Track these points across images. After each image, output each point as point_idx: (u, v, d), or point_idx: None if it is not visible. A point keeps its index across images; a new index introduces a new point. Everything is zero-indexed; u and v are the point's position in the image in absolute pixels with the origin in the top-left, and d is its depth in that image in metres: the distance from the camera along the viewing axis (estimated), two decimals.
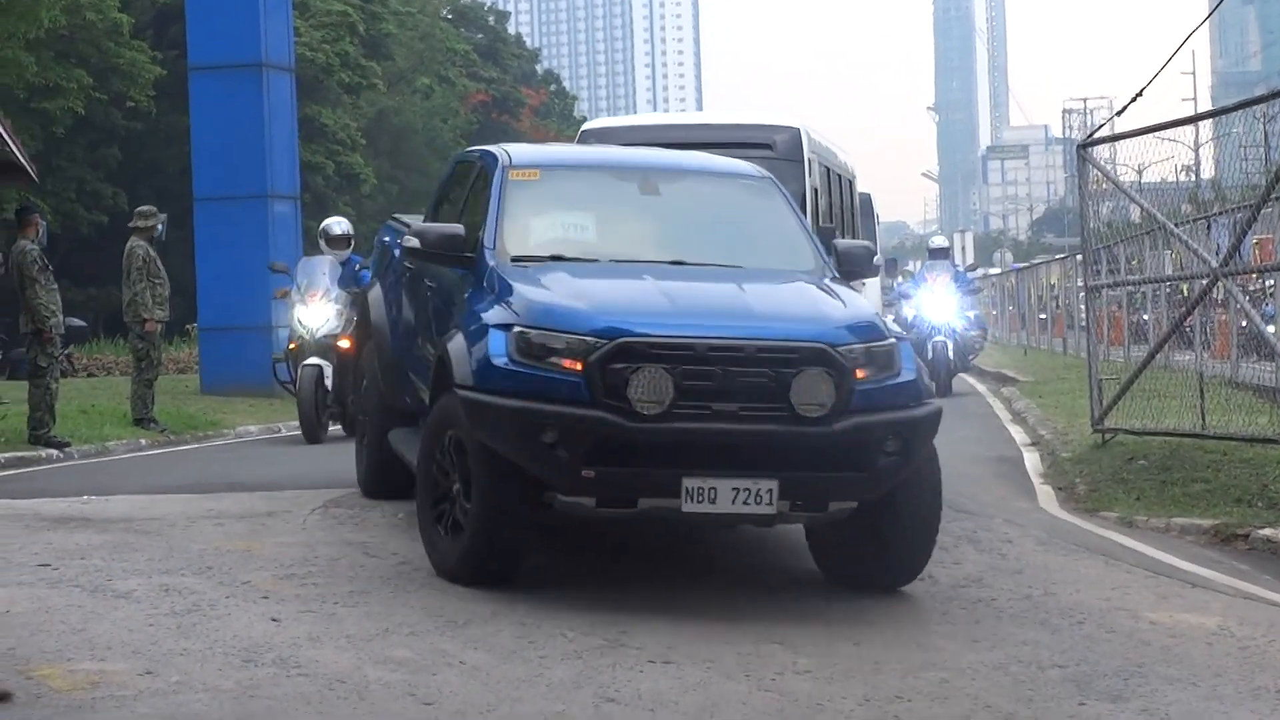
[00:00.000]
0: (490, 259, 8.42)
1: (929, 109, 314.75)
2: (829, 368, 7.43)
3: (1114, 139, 15.06)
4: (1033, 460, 15.16)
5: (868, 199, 18.66)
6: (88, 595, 7.54)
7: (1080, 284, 22.18)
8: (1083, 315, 21.88)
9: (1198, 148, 21.81)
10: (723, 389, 7.33)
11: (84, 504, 10.75)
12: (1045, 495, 12.87)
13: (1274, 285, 17.00)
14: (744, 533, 9.30)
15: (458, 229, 8.76)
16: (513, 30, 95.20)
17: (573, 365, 7.36)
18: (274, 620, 7.11)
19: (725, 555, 9.26)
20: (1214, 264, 13.08)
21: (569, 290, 7.84)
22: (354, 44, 51.25)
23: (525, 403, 7.34)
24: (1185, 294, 16.17)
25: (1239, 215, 13.31)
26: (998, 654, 7.13)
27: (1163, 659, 7.13)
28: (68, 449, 15.62)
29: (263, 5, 24.63)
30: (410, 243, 8.87)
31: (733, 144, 12.11)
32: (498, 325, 7.66)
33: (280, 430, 19.50)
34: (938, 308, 24.28)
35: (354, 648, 6.70)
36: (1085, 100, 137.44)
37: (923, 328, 23.71)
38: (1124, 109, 15.05)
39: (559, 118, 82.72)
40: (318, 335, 16.68)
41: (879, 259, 11.69)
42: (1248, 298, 15.06)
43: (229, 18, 24.47)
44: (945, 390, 22.57)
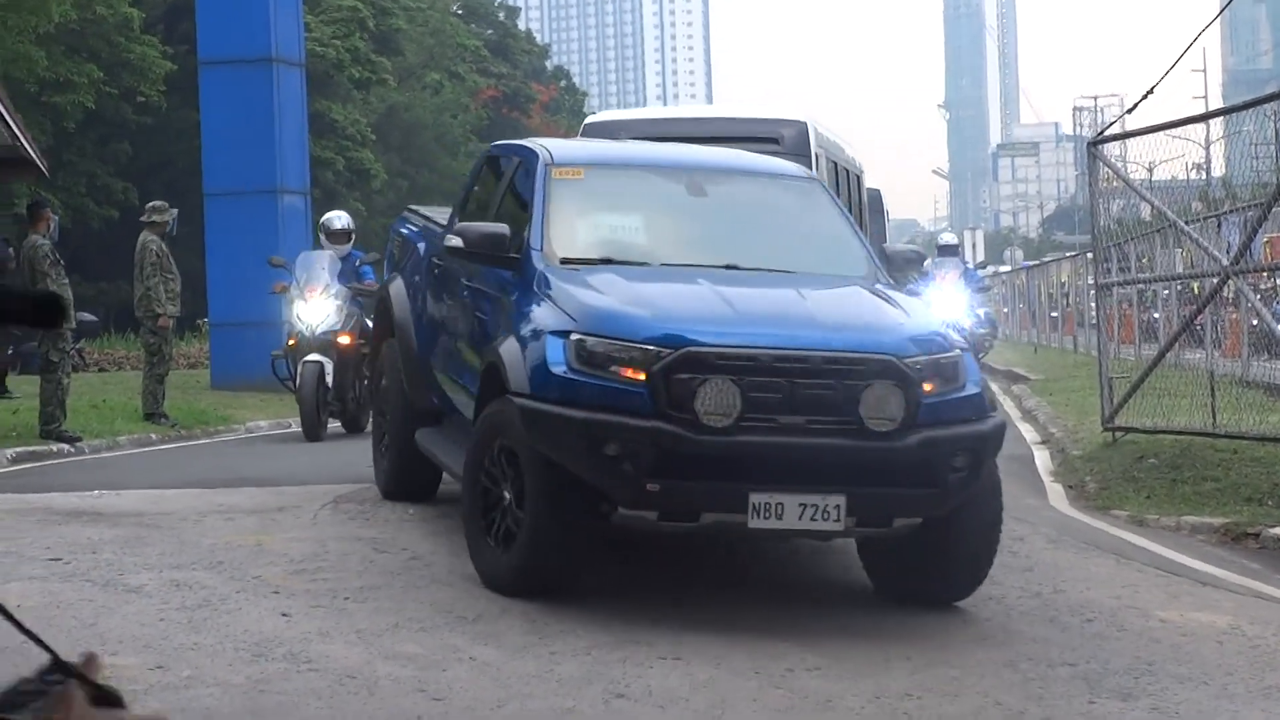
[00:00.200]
0: (538, 261, 8.17)
1: (939, 106, 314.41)
2: (898, 380, 7.19)
3: (1124, 136, 15.05)
4: (1043, 458, 15.15)
5: (878, 195, 18.57)
6: (99, 590, 7.55)
7: (1091, 282, 22.17)
8: (1093, 313, 21.86)
9: (1208, 145, 21.76)
10: (789, 401, 7.10)
11: (95, 499, 10.77)
12: (1055, 493, 12.86)
13: None
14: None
15: (502, 229, 8.48)
16: (523, 26, 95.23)
17: (635, 375, 7.12)
18: (284, 615, 7.12)
19: (734, 554, 9.25)
20: (1225, 262, 13.07)
21: (626, 295, 7.61)
22: (364, 39, 51.26)
23: (587, 413, 7.08)
24: (1196, 292, 16.16)
25: (1250, 213, 13.29)
26: (1008, 651, 7.13)
27: (1173, 657, 7.12)
28: (79, 444, 15.64)
29: (273, 0, 24.66)
30: (452, 242, 8.56)
31: (739, 138, 11.95)
32: (555, 332, 7.40)
33: (290, 425, 19.49)
34: (946, 305, 24.26)
35: (364, 643, 6.71)
36: (1096, 98, 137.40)
37: None
38: (1135, 107, 15.03)
39: (569, 113, 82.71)
40: (318, 331, 16.39)
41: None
42: (1259, 296, 15.04)
43: (239, 12, 24.50)
44: None
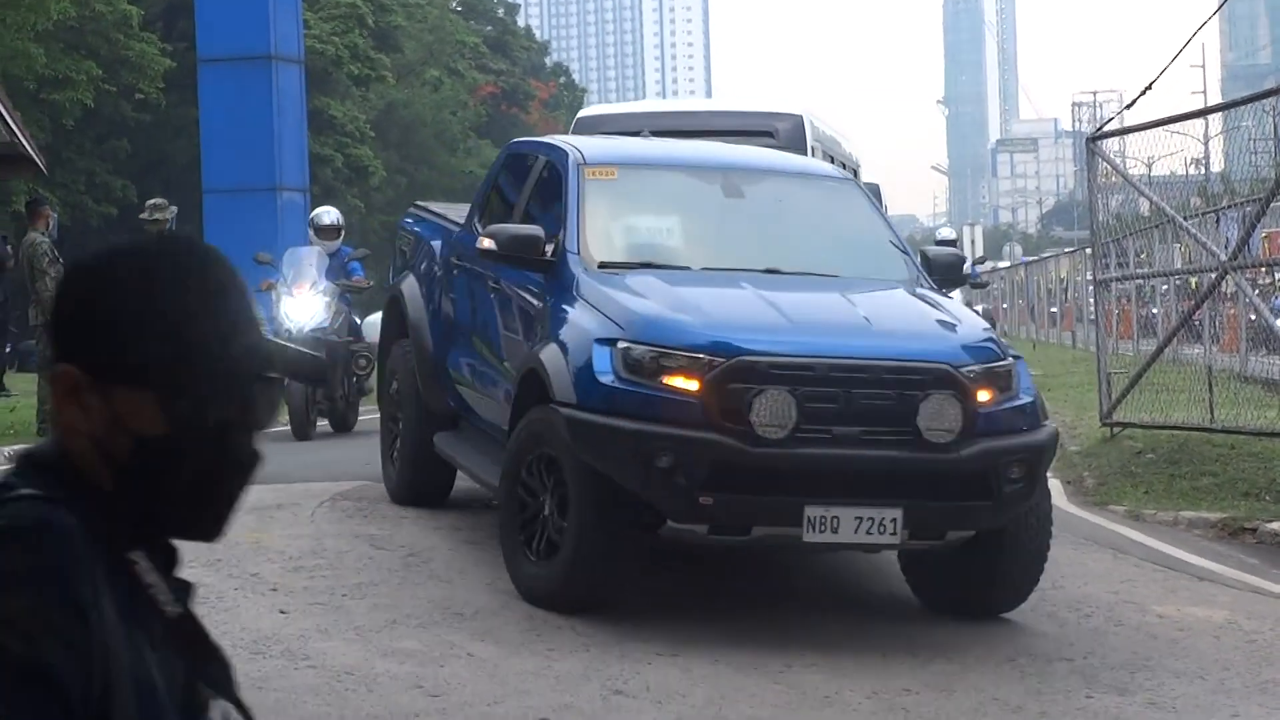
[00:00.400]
0: (575, 265, 7.94)
1: (938, 102, 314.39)
2: (956, 390, 7.02)
3: (1123, 132, 15.05)
4: None
5: (876, 190, 18.56)
6: None
7: (1089, 277, 22.17)
8: (1092, 308, 21.87)
9: (1207, 141, 21.78)
10: (843, 412, 6.92)
11: None
12: (1053, 488, 12.78)
13: None
14: None
15: (537, 231, 8.20)
16: (522, 22, 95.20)
17: (686, 384, 6.92)
18: (282, 612, 7.12)
19: (731, 553, 9.25)
20: (1223, 257, 13.07)
21: (671, 301, 7.40)
22: (363, 36, 51.22)
23: (637, 424, 6.89)
24: (1194, 287, 16.16)
25: (1248, 209, 13.29)
26: (1005, 647, 7.14)
27: (1170, 652, 7.13)
28: None
29: None
30: (485, 244, 8.25)
31: (734, 132, 11.81)
32: (601, 339, 7.19)
33: (285, 423, 19.49)
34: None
35: (362, 640, 6.71)
36: (1095, 93, 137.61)
37: None
38: (1133, 102, 15.03)
39: (568, 110, 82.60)
40: (306, 329, 15.74)
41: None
42: (1257, 291, 15.04)
43: (238, 10, 24.50)
44: None
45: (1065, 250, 48.82)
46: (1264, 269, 15.14)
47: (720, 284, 7.84)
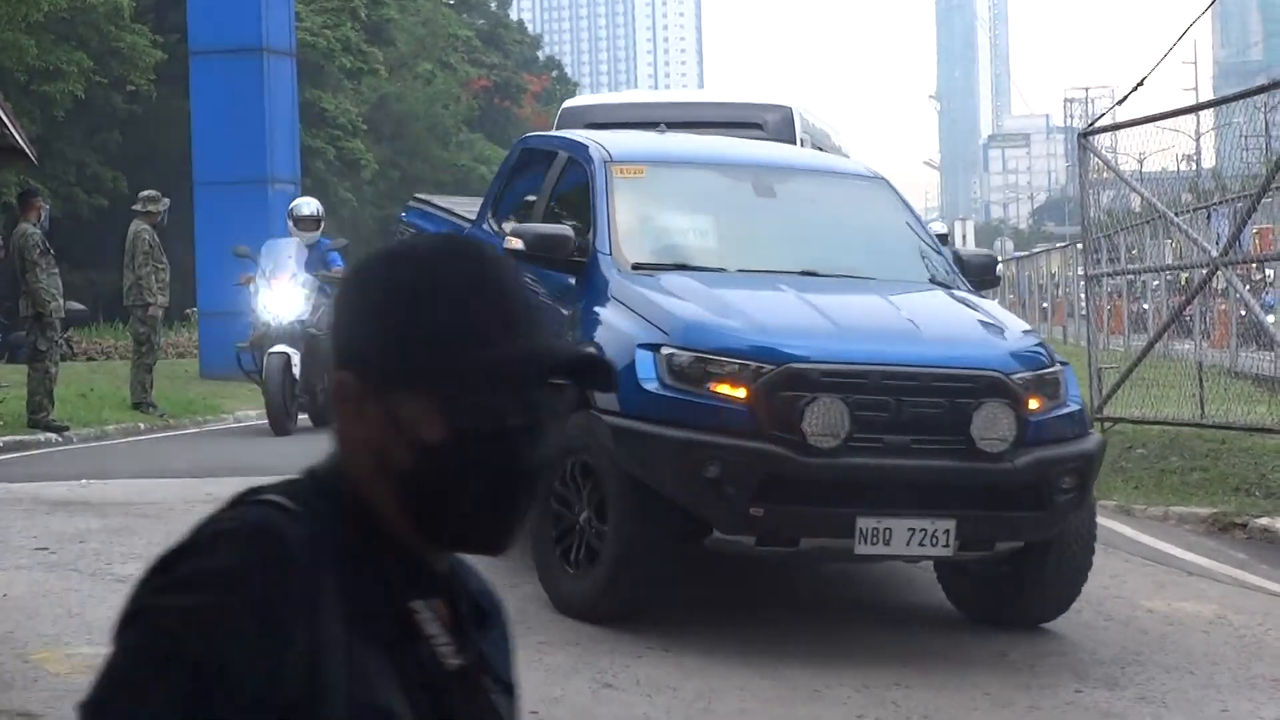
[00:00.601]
0: (608, 266, 7.75)
1: (931, 96, 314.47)
2: (1009, 399, 6.87)
3: (1115, 128, 15.07)
4: None
5: None
6: (86, 579, 7.54)
7: (1080, 272, 22.19)
8: (1083, 304, 21.88)
9: (1198, 137, 21.79)
10: (895, 420, 6.75)
11: (83, 488, 10.75)
12: None
13: (1274, 275, 17.00)
14: None
15: (566, 230, 8.00)
16: (514, 16, 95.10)
17: (735, 392, 6.73)
18: None
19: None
20: (1214, 253, 13.09)
21: (714, 305, 7.20)
22: (355, 29, 51.18)
23: (685, 433, 6.69)
24: (1185, 283, 16.17)
25: (1239, 205, 13.31)
26: (995, 641, 7.14)
27: (1160, 647, 7.14)
28: (66, 433, 15.61)
29: None
30: (513, 244, 7.94)
31: (722, 124, 11.71)
32: (644, 345, 6.99)
33: None
34: None
35: None
36: (1087, 89, 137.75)
37: None
38: (1125, 98, 15.05)
39: (561, 104, 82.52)
40: (285, 322, 15.70)
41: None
42: (1247, 287, 15.07)
43: (230, 2, 24.44)
44: None
45: (1056, 245, 48.87)
46: (1255, 265, 15.17)
47: (759, 286, 7.61)
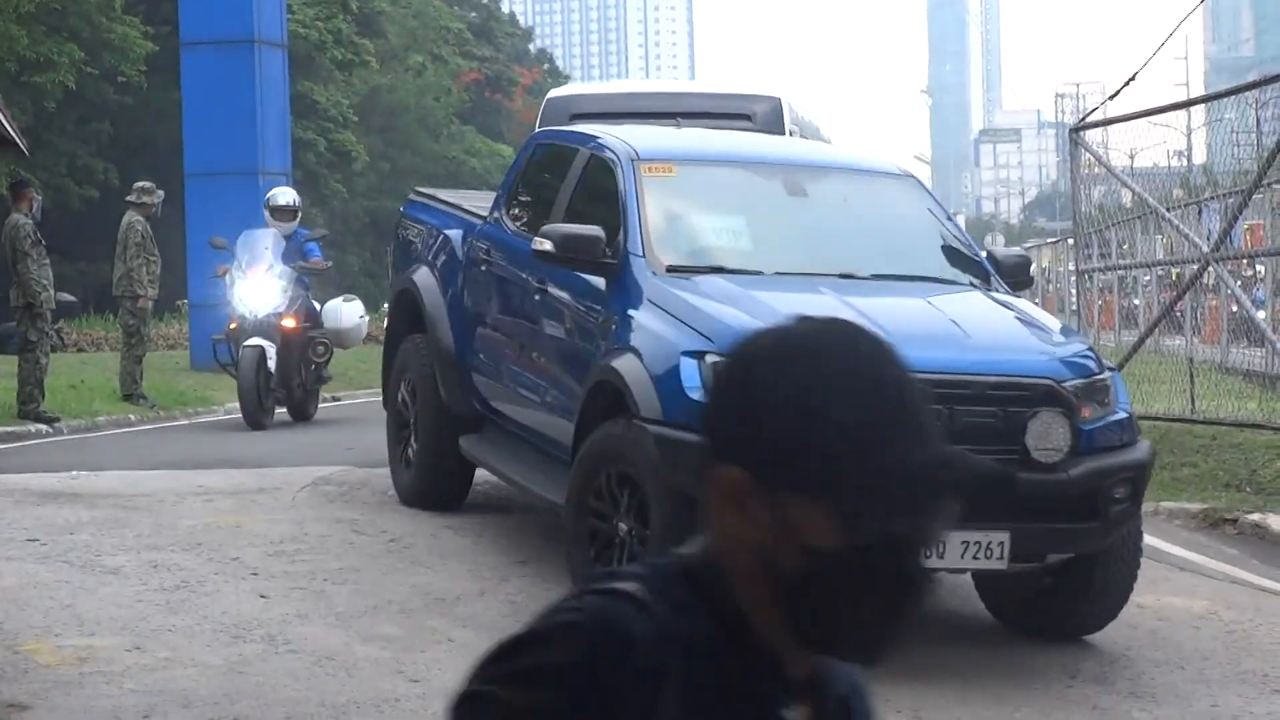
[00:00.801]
0: (641, 269, 7.51)
1: (922, 91, 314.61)
2: (1063, 407, 6.73)
3: (1106, 123, 15.08)
4: None
5: None
6: (76, 571, 7.53)
7: (1072, 268, 22.21)
8: (1074, 299, 21.90)
9: (1190, 133, 21.81)
10: (947, 430, 6.35)
11: (73, 479, 10.73)
12: None
13: (1264, 270, 17.03)
14: None
15: (596, 231, 7.69)
16: (506, 9, 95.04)
17: None
18: (263, 597, 7.11)
19: None
20: (1205, 249, 13.10)
21: (755, 309, 6.89)
22: (347, 21, 51.11)
23: None
24: (1176, 279, 16.20)
25: (1230, 200, 13.33)
26: (987, 636, 7.15)
27: (1150, 642, 7.15)
28: (57, 424, 15.59)
29: None
30: (542, 245, 7.69)
31: (710, 114, 11.58)
32: (688, 351, 6.76)
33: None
34: None
35: (342, 625, 6.70)
36: (1078, 84, 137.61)
37: None
38: (1117, 93, 15.09)
39: None
40: (261, 314, 15.31)
41: None
42: (1238, 283, 15.08)
43: None
44: None
45: (1048, 241, 48.88)
46: (1246, 260, 15.18)
47: (799, 290, 7.39)
